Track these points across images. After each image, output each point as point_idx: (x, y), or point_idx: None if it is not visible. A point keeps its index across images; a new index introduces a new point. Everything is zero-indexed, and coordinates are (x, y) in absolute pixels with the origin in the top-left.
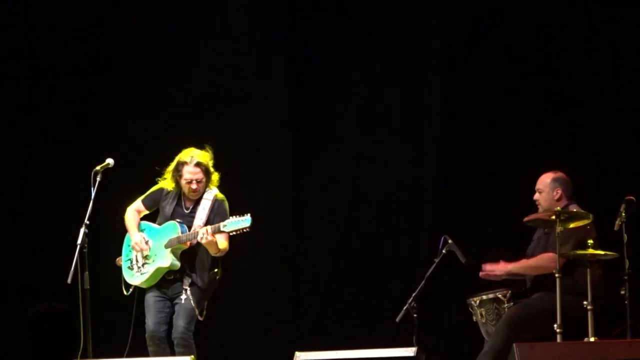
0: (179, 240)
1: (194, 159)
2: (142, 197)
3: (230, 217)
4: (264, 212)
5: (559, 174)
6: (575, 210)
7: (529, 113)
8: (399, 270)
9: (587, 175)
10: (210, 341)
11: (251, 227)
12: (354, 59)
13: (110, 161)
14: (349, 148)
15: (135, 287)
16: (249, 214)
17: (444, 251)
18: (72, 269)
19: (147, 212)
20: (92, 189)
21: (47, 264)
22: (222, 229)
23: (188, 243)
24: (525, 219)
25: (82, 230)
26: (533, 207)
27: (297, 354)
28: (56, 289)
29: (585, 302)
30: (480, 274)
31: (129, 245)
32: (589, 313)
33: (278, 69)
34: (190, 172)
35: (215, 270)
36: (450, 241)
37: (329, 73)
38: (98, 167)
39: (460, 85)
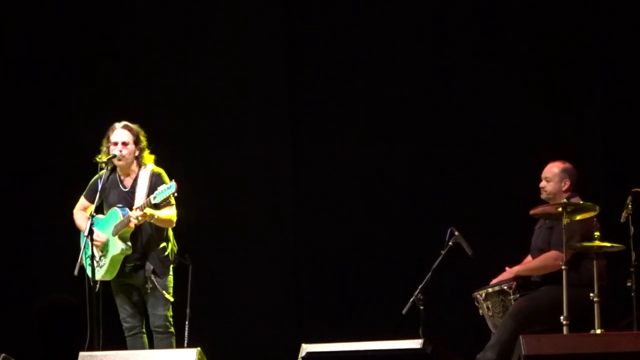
0: (121, 225)
1: (122, 123)
2: (84, 193)
3: (158, 188)
4: (266, 203)
5: (568, 165)
6: (582, 202)
7: (534, 104)
8: (405, 262)
9: (593, 167)
10: (216, 334)
11: (177, 190)
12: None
13: (116, 152)
14: (351, 136)
15: (100, 282)
16: (173, 180)
17: (450, 243)
18: (79, 260)
19: (92, 205)
20: (99, 180)
21: (53, 256)
22: (152, 201)
23: (132, 224)
24: (532, 211)
25: (88, 222)
26: (538, 198)
27: (304, 345)
28: (63, 281)
29: (591, 294)
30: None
31: (86, 244)
32: (596, 305)
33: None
34: (117, 134)
35: (163, 245)
36: (457, 233)
37: (331, 55)
38: (104, 159)
39: (466, 77)
